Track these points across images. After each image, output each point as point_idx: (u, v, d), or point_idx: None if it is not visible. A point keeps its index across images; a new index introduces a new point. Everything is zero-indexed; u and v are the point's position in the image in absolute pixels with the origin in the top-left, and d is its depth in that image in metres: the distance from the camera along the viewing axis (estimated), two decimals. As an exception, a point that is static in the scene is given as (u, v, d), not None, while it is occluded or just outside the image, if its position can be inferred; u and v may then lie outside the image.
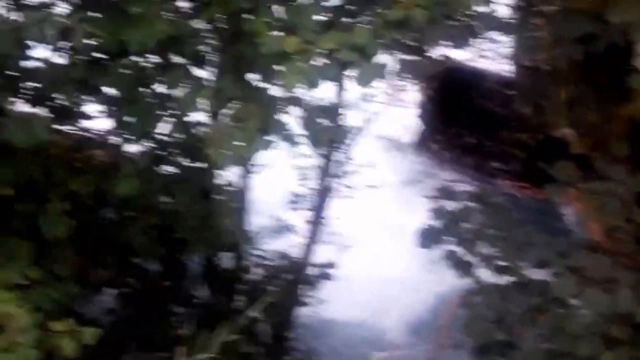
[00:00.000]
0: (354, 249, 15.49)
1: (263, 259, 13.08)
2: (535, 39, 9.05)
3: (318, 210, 14.22)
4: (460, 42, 8.71)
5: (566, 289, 7.57)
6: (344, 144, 12.65)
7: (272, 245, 15.26)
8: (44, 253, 8.07)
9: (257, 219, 15.27)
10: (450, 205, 9.20)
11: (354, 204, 15.80)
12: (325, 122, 7.30)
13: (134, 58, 7.82)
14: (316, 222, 14.28)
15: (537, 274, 8.46)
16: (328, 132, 7.22)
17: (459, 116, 21.29)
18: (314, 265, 11.36)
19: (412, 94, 18.47)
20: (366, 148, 15.89)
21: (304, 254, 13.86)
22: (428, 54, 9.04)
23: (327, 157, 12.70)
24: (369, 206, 16.74)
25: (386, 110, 15.19)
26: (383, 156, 17.20)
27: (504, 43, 13.91)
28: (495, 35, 11.02)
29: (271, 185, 15.32)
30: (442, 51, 9.43)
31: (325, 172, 13.12)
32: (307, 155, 13.80)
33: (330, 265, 11.24)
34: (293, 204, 15.83)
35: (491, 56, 17.82)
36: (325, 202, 14.20)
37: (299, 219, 15.35)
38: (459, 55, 14.35)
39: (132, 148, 8.78)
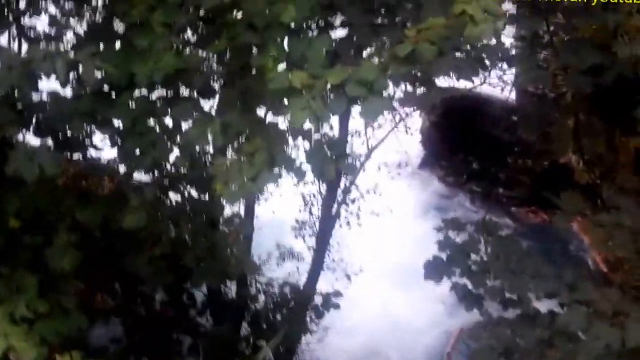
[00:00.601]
0: (359, 277, 15.48)
1: (269, 287, 13.06)
2: (541, 69, 9.06)
3: (323, 237, 14.20)
4: (467, 74, 8.72)
5: (575, 323, 7.52)
6: (350, 174, 12.65)
7: (278, 272, 15.25)
8: (51, 285, 8.06)
9: (263, 245, 15.28)
10: (458, 236, 9.20)
11: (359, 231, 15.80)
12: (332, 154, 7.24)
13: (142, 90, 7.80)
14: (321, 249, 14.25)
15: (546, 307, 8.44)
16: (334, 165, 7.14)
17: (464, 142, 21.29)
18: (320, 295, 11.29)
19: (417, 120, 18.46)
20: (371, 175, 15.92)
21: (310, 282, 13.82)
22: (434, 85, 9.06)
23: (332, 184, 12.70)
24: (373, 233, 16.70)
25: (391, 136, 15.15)
26: (388, 183, 17.13)
27: (509, 70, 13.89)
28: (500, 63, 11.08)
29: (277, 211, 15.34)
30: (448, 81, 9.43)
31: (331, 199, 13.12)
32: (313, 182, 13.86)
33: (336, 294, 11.18)
34: (298, 231, 15.83)
35: (496, 83, 17.84)
36: (330, 229, 14.19)
37: (305, 245, 15.36)
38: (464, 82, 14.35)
39: (141, 177, 8.77)
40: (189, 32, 8.35)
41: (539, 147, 12.88)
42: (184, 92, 7.94)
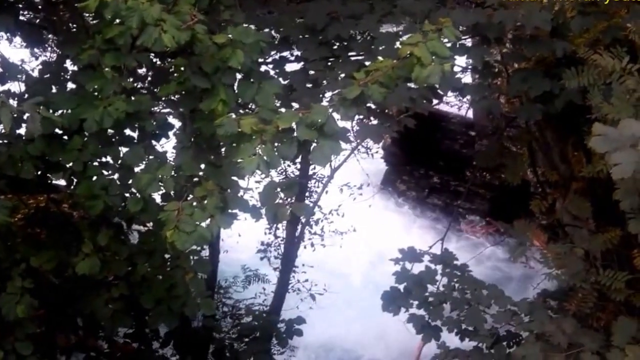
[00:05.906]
0: (324, 297, 15.54)
1: (233, 316, 13.05)
2: (492, 98, 9.14)
3: (288, 258, 14.21)
4: (420, 104, 8.75)
5: (531, 357, 7.55)
6: (305, 216, 12.62)
7: (244, 293, 15.27)
8: (5, 332, 7.97)
9: (230, 267, 15.28)
10: (414, 266, 9.25)
11: (324, 251, 15.85)
12: (285, 197, 7.17)
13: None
14: (286, 270, 14.26)
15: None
16: (287, 208, 7.08)
17: (425, 157, 21.51)
18: (284, 322, 11.27)
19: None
20: (334, 196, 15.97)
21: (275, 304, 13.82)
22: (388, 116, 9.07)
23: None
24: (338, 253, 16.76)
25: (352, 155, 15.23)
26: (350, 203, 17.18)
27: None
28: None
29: (243, 233, 15.34)
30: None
31: (294, 221, 13.11)
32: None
33: (299, 320, 11.15)
34: (263, 253, 15.86)
35: (453, 102, 18.06)
36: (294, 250, 14.19)
37: (269, 267, 15.38)
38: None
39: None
40: (140, 74, 8.33)
41: (496, 160, 12.84)
42: (136, 134, 7.92)
